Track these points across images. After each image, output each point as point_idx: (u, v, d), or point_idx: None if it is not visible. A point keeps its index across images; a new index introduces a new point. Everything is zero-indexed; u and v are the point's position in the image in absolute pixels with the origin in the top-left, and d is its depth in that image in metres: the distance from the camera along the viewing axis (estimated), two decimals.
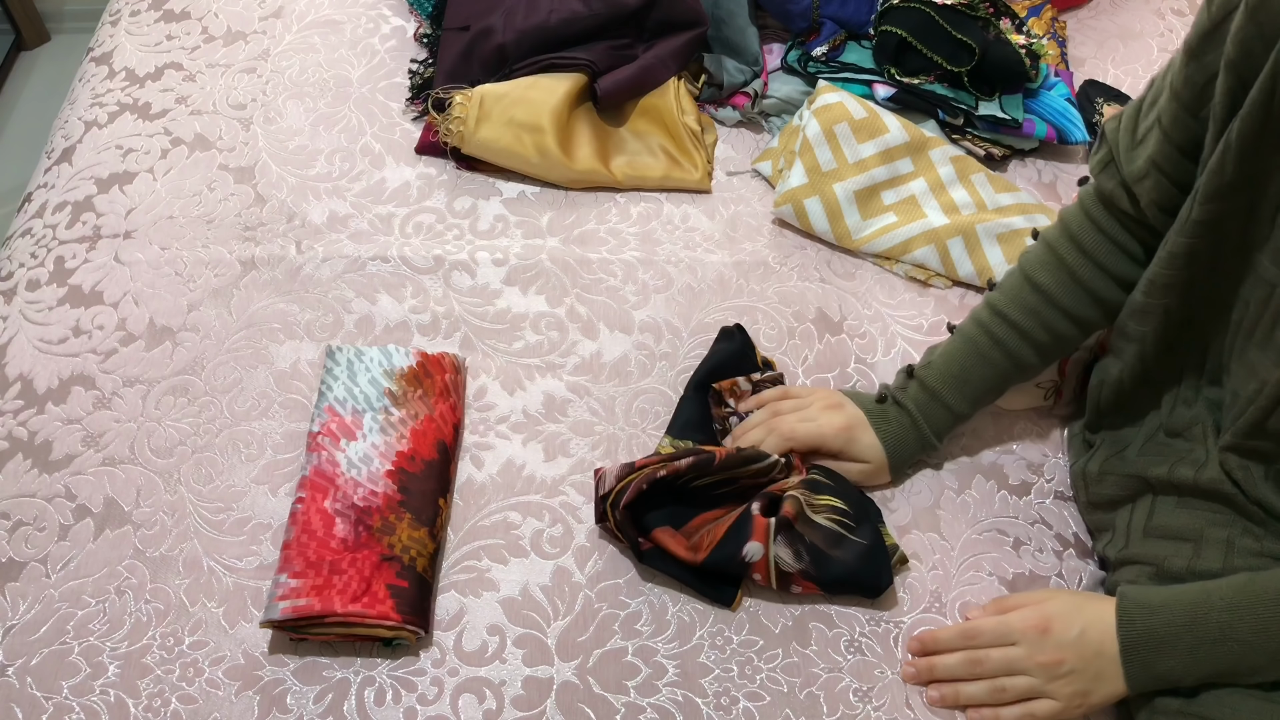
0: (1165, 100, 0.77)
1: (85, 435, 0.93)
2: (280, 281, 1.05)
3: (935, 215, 1.10)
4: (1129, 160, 0.82)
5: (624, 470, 0.85)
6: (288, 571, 0.81)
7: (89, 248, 1.07)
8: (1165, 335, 0.83)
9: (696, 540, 0.84)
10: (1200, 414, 0.83)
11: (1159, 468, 0.83)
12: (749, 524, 0.83)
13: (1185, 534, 0.81)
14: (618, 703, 0.80)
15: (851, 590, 0.84)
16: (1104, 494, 0.88)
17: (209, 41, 1.29)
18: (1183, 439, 0.84)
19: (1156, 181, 0.79)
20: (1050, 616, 0.78)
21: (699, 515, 0.86)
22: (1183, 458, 0.83)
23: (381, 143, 1.18)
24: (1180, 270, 0.78)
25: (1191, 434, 0.83)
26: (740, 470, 0.86)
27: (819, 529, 0.83)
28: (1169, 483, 0.83)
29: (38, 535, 0.87)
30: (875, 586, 0.84)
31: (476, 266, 1.07)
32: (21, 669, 0.80)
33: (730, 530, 0.83)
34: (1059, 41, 1.33)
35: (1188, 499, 0.82)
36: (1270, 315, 0.73)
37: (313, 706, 0.79)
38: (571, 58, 1.17)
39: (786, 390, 0.96)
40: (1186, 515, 0.82)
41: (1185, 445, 0.84)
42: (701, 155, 1.17)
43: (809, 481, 0.87)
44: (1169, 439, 0.85)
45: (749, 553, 0.82)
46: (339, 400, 0.92)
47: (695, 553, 0.83)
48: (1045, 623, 0.78)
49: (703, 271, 1.08)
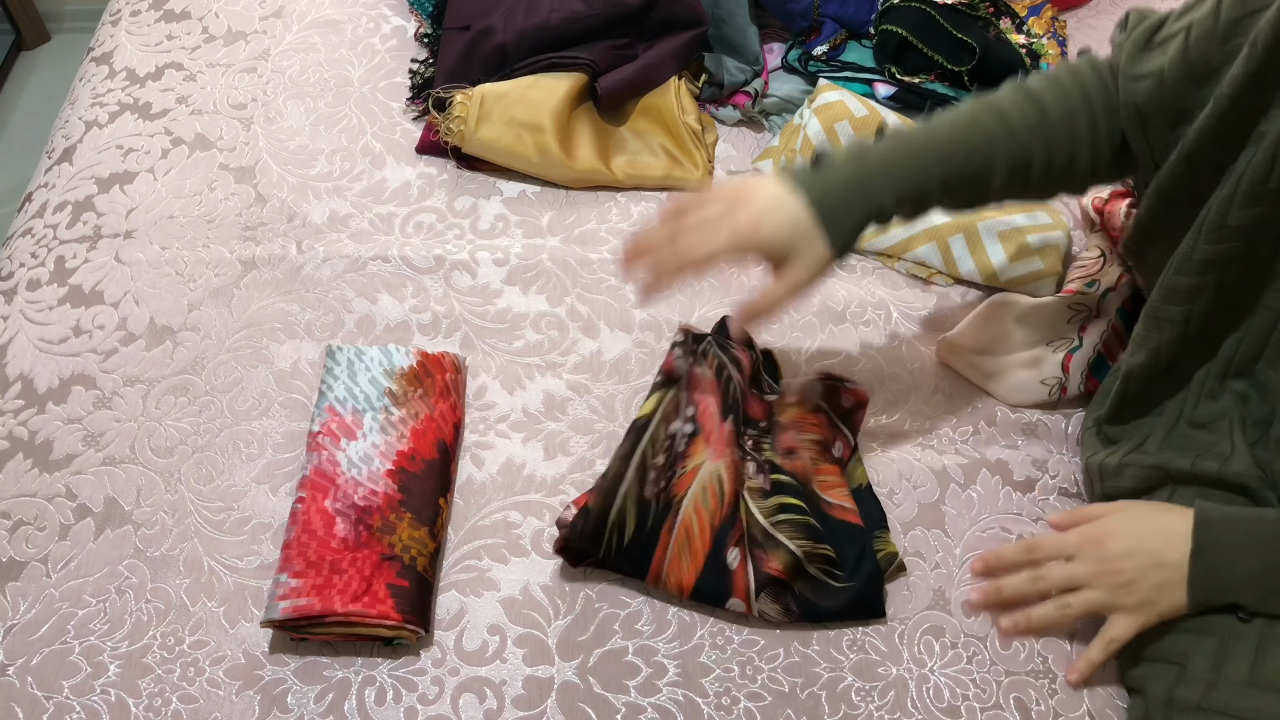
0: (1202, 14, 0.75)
1: (85, 435, 0.93)
2: (281, 281, 1.05)
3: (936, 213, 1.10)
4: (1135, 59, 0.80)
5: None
6: (288, 571, 0.81)
7: (89, 247, 1.07)
8: (1190, 332, 0.82)
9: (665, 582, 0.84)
10: (1227, 407, 0.83)
11: (1182, 460, 0.83)
12: (727, 579, 0.82)
13: None
14: (618, 702, 0.80)
15: (845, 620, 0.84)
16: (1121, 487, 0.87)
17: (209, 41, 1.29)
18: (1206, 431, 0.83)
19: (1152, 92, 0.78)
20: (1107, 529, 0.78)
21: (653, 556, 0.83)
22: (1206, 450, 0.82)
23: (382, 142, 1.18)
24: (1210, 275, 0.78)
25: (1217, 427, 0.83)
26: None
27: (811, 580, 0.83)
28: (1191, 474, 0.82)
29: (38, 535, 0.87)
30: (869, 616, 0.84)
31: (477, 266, 1.07)
32: (22, 669, 0.80)
33: (704, 580, 0.82)
34: (1059, 41, 1.33)
35: (1207, 491, 0.82)
36: None
37: (313, 706, 0.78)
38: (572, 57, 1.17)
39: (681, 203, 0.83)
40: None
41: (1210, 438, 0.83)
42: (702, 154, 1.17)
43: (802, 526, 0.84)
44: (1192, 430, 0.85)
45: (731, 606, 0.83)
46: (339, 400, 0.91)
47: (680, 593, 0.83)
48: (1101, 535, 0.78)
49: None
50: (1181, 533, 0.76)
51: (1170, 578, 0.76)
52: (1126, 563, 0.77)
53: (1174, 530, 0.76)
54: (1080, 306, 0.99)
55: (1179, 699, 0.75)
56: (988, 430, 0.97)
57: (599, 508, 0.82)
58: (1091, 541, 0.78)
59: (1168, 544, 0.76)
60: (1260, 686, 0.73)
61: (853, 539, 0.85)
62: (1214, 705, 0.74)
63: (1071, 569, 0.78)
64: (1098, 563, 0.77)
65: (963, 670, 0.82)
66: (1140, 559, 0.76)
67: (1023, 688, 0.82)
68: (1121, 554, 0.77)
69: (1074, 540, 0.79)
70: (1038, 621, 0.78)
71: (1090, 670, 0.79)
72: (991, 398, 0.99)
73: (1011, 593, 0.79)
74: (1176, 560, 0.76)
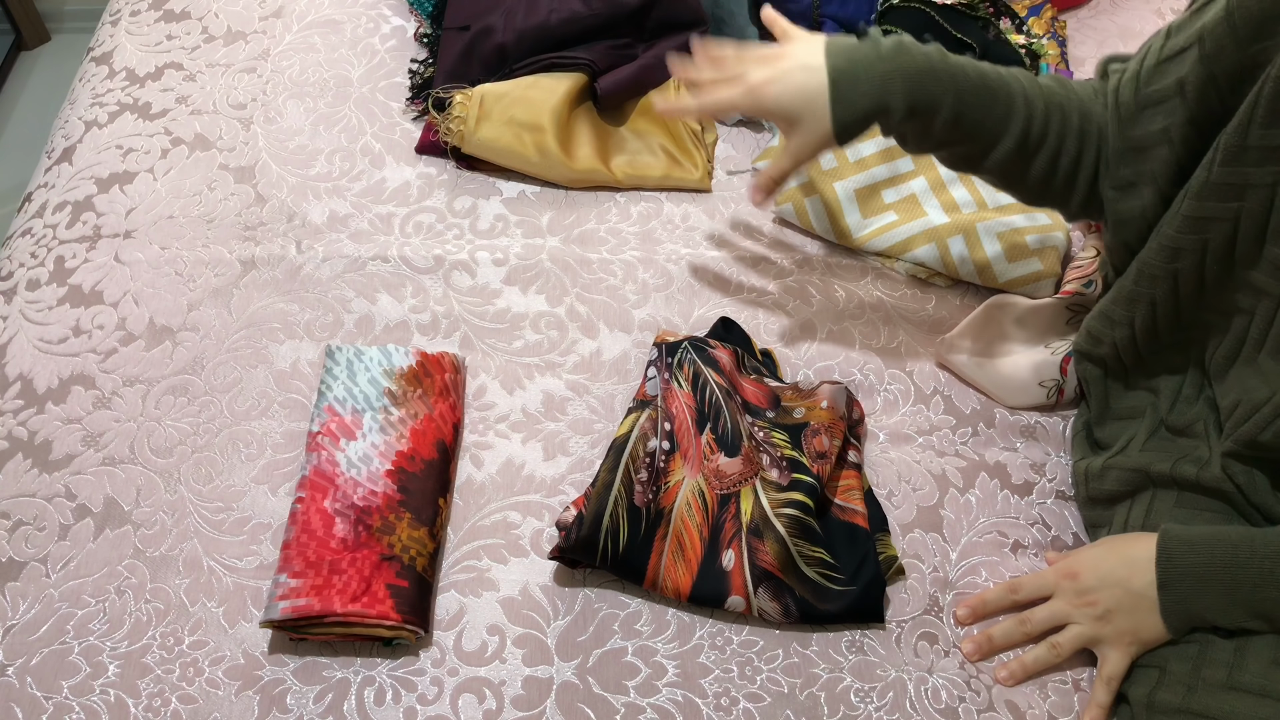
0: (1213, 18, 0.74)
1: (85, 435, 0.93)
2: (280, 281, 1.05)
3: (936, 214, 1.10)
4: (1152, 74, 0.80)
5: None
6: (287, 571, 0.81)
7: (89, 247, 1.07)
8: (1154, 327, 0.83)
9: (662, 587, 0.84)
10: (1202, 412, 0.83)
11: (1162, 464, 0.83)
12: (724, 580, 0.83)
13: None
14: (617, 703, 0.80)
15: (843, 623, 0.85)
16: (1104, 489, 0.88)
17: (209, 41, 1.29)
18: (1186, 436, 0.84)
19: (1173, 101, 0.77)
20: (1078, 563, 0.81)
21: (648, 563, 0.83)
22: (1186, 455, 0.83)
23: (381, 142, 1.18)
24: (1171, 262, 0.78)
25: (1194, 430, 0.83)
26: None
27: (808, 583, 0.83)
28: (1170, 478, 0.83)
29: (38, 535, 0.87)
30: (869, 620, 0.84)
31: (476, 266, 1.07)
32: (21, 669, 0.80)
33: (699, 584, 0.83)
34: (1059, 41, 1.33)
35: (1187, 495, 0.83)
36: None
37: (313, 706, 0.79)
38: (572, 57, 1.17)
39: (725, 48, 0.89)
40: (1184, 515, 0.82)
41: (1189, 443, 0.84)
42: (702, 154, 1.17)
43: (801, 524, 0.84)
44: (1172, 435, 0.85)
45: (731, 605, 0.83)
46: (339, 400, 0.92)
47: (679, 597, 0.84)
48: (1073, 569, 0.80)
49: (703, 269, 1.08)
50: (1145, 558, 0.78)
51: (1142, 605, 0.77)
52: (1100, 594, 0.79)
53: (1138, 556, 0.78)
54: (1078, 308, 0.99)
55: (1159, 702, 0.76)
56: (986, 432, 0.97)
57: (592, 514, 0.82)
58: (1066, 576, 0.81)
59: (1133, 571, 0.78)
60: (1239, 690, 0.74)
61: (857, 542, 0.85)
62: (1193, 708, 0.74)
63: (1053, 607, 0.81)
64: (1075, 596, 0.80)
65: (960, 673, 0.83)
66: (1112, 588, 0.78)
67: (1017, 691, 0.82)
68: (1094, 585, 0.79)
69: (1051, 577, 0.82)
70: (1032, 665, 0.81)
71: (1103, 714, 0.79)
72: (990, 399, 0.99)
73: (1002, 640, 0.82)
74: (1143, 586, 0.77)
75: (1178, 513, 0.82)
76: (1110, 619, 0.78)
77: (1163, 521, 0.82)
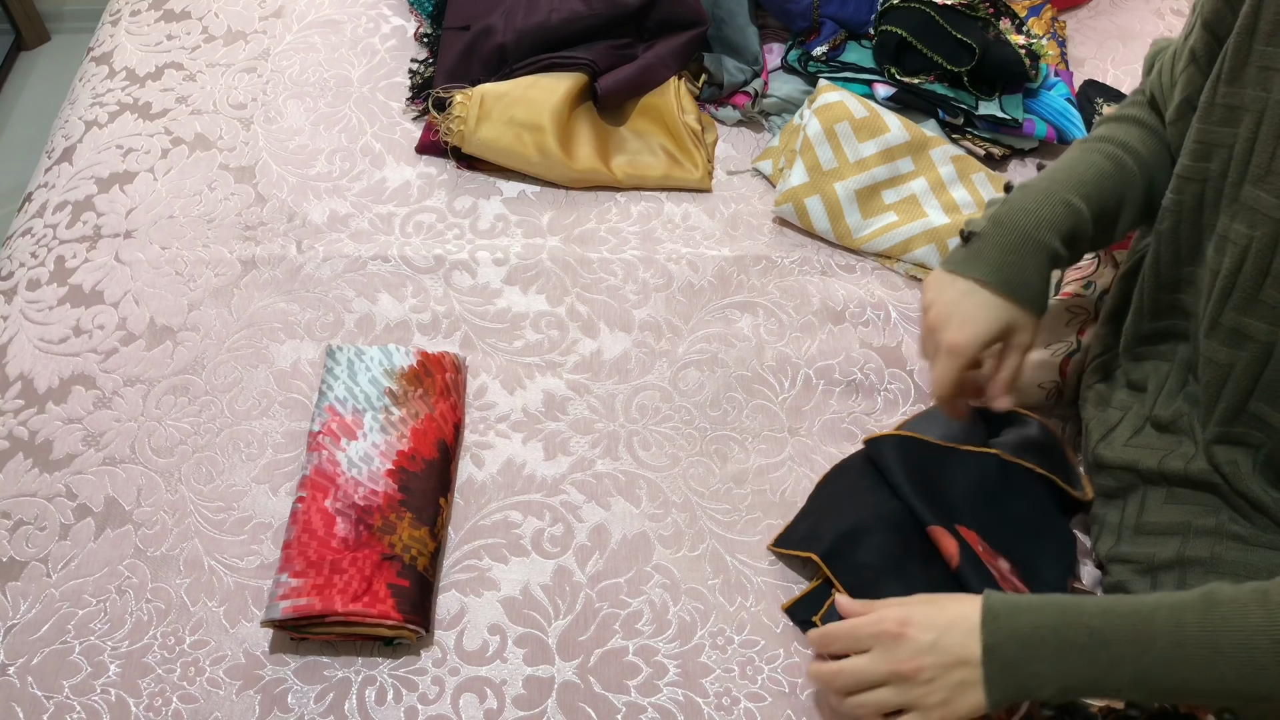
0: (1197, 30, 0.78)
1: (86, 435, 0.93)
2: (280, 281, 1.05)
3: (936, 214, 1.10)
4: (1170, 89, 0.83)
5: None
6: (288, 571, 0.81)
7: (89, 247, 1.07)
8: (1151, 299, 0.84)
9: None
10: (1183, 406, 0.83)
11: (1149, 460, 0.84)
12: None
13: (1174, 529, 0.81)
14: (619, 702, 0.80)
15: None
16: (1097, 486, 0.89)
17: (209, 41, 1.29)
18: (1170, 432, 0.84)
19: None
20: (907, 619, 0.71)
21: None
22: (1172, 450, 0.83)
23: (382, 142, 1.18)
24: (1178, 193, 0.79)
25: (1178, 425, 0.84)
26: None
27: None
28: (1159, 474, 0.83)
29: (38, 534, 0.87)
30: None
31: (477, 266, 1.07)
32: (22, 668, 0.80)
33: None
34: (1059, 41, 1.33)
35: (1176, 490, 0.83)
36: (1250, 273, 0.73)
37: (314, 706, 0.79)
38: (572, 57, 1.17)
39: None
40: (1175, 510, 0.82)
41: (1174, 438, 0.84)
42: (702, 154, 1.17)
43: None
44: (1158, 432, 0.85)
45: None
46: (339, 399, 0.92)
47: None
48: (900, 627, 0.70)
49: (703, 269, 1.08)
50: (969, 620, 0.69)
51: (969, 676, 0.68)
52: (927, 658, 0.69)
53: (971, 621, 0.69)
54: (1078, 309, 0.99)
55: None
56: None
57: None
58: (889, 634, 0.71)
59: (967, 638, 0.69)
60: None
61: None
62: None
63: (862, 665, 0.71)
64: (894, 659, 0.70)
65: None
66: (941, 654, 0.69)
67: None
68: (923, 648, 0.69)
69: (868, 632, 0.72)
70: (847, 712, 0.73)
71: None
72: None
73: (819, 683, 0.77)
74: (975, 657, 0.68)
75: (1168, 510, 0.82)
76: (932, 689, 0.69)
77: (1156, 521, 0.82)
